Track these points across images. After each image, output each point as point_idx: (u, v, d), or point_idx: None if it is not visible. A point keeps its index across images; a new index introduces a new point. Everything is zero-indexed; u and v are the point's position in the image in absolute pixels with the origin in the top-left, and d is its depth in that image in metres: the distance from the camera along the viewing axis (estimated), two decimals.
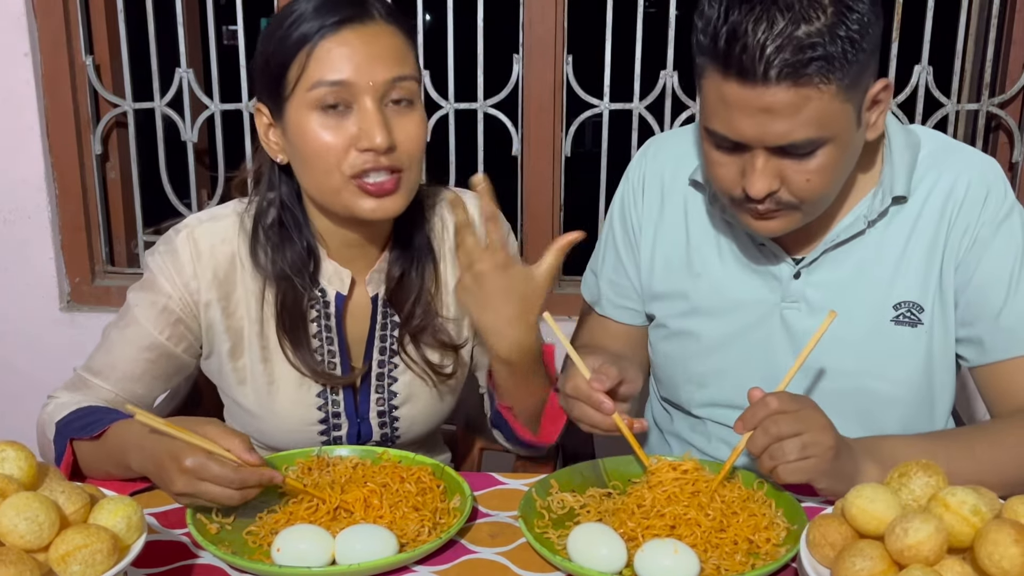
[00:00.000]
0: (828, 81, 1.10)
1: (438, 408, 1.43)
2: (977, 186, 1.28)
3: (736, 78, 1.11)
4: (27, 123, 2.31)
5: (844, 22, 1.09)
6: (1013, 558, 0.83)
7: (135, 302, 1.33)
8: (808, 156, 1.15)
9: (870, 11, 1.11)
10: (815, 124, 1.12)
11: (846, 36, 1.09)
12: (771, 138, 1.13)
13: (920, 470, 0.96)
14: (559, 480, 1.20)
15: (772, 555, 1.05)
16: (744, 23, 1.09)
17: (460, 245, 1.23)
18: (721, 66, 1.12)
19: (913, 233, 1.29)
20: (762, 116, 1.12)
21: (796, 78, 1.09)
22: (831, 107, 1.11)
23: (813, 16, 1.08)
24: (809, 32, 1.08)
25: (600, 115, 2.30)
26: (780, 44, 1.08)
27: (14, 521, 0.86)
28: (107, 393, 1.32)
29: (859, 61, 1.11)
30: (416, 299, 1.36)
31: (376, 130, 1.19)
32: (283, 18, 1.22)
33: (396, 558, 1.03)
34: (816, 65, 1.08)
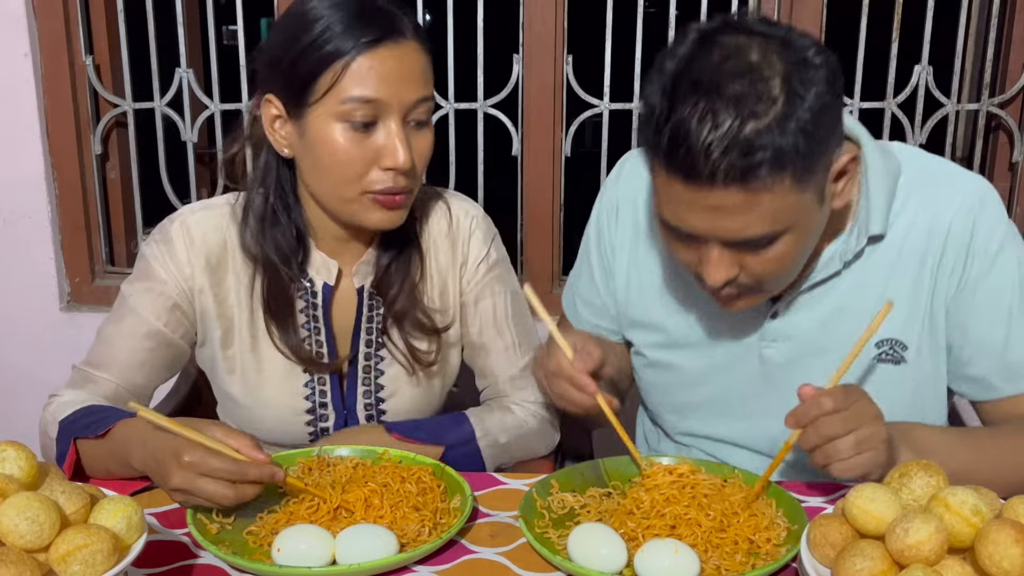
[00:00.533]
0: (780, 179, 1.02)
1: (425, 402, 1.44)
2: (962, 221, 1.21)
3: (681, 179, 1.04)
4: (27, 123, 2.31)
5: (795, 112, 1.00)
6: (1013, 558, 0.83)
7: (130, 293, 1.35)
8: (766, 247, 1.09)
9: (823, 91, 1.03)
10: (770, 219, 1.06)
11: (797, 128, 1.00)
12: (724, 234, 1.08)
13: (920, 470, 0.96)
14: (559, 480, 1.20)
15: (773, 555, 1.05)
16: (688, 122, 1.01)
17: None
18: (665, 164, 1.05)
19: (894, 271, 1.23)
20: (712, 214, 1.06)
21: (745, 181, 1.01)
22: (786, 201, 1.05)
23: (761, 111, 1.00)
24: (757, 130, 1.00)
25: (600, 115, 2.30)
26: (727, 145, 1.00)
27: (15, 521, 0.86)
28: (108, 385, 1.32)
29: (814, 149, 1.03)
30: (401, 286, 1.37)
31: (401, 151, 1.22)
32: (307, 22, 1.21)
33: (396, 558, 1.03)
34: (766, 166, 1.00)
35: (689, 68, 1.03)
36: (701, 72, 1.02)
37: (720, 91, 1.00)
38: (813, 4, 2.17)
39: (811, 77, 1.02)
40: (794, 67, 1.02)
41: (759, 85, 1.00)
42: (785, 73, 1.01)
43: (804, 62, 1.03)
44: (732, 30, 1.05)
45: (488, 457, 1.35)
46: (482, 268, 1.42)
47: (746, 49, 1.03)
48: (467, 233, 1.42)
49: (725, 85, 1.01)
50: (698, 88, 1.01)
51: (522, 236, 2.37)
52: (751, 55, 1.02)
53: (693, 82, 1.02)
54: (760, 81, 1.01)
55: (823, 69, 1.03)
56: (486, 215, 1.46)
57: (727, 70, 1.01)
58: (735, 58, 1.02)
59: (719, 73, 1.01)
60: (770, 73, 1.01)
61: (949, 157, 2.30)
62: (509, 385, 1.42)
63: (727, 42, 1.04)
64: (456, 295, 1.42)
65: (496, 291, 1.43)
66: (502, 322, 1.42)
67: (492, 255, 1.44)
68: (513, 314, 1.44)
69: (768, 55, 1.02)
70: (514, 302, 1.45)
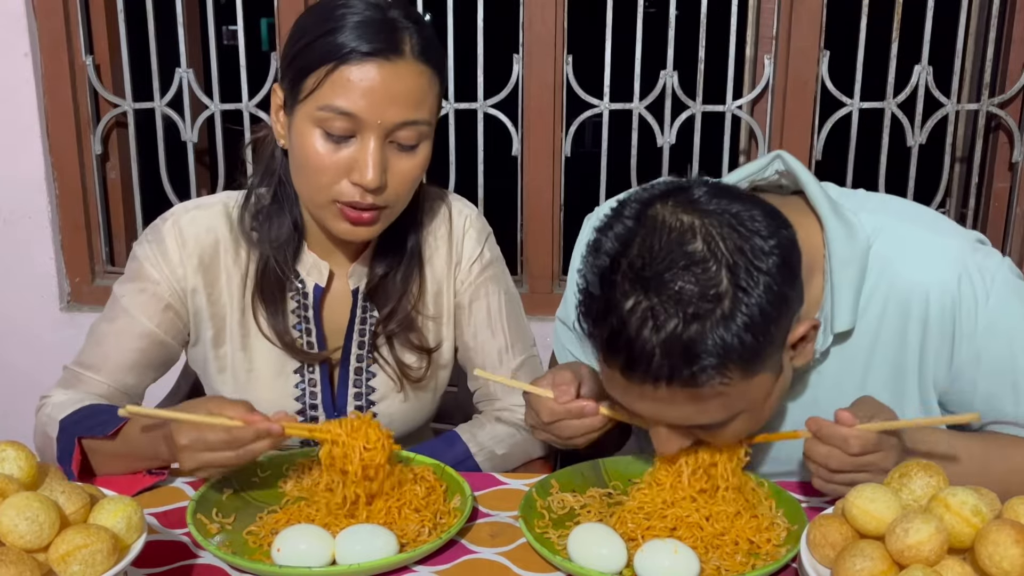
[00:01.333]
0: (727, 378, 0.96)
1: (416, 408, 1.43)
2: (940, 300, 1.13)
3: (621, 373, 0.99)
4: (27, 123, 2.32)
5: (742, 311, 0.93)
6: (1013, 559, 0.83)
7: (122, 293, 1.34)
8: (721, 428, 1.04)
9: (774, 281, 0.95)
10: (720, 410, 1.01)
11: (745, 324, 0.94)
12: (671, 421, 1.04)
13: (920, 470, 0.96)
14: (559, 480, 1.20)
15: (773, 555, 1.05)
16: (627, 321, 0.95)
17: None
18: (604, 357, 1.00)
19: (871, 361, 1.17)
20: (658, 404, 1.00)
21: (690, 384, 0.96)
22: (736, 390, 0.98)
23: (706, 310, 0.93)
24: (701, 332, 0.93)
25: (600, 115, 2.30)
26: (668, 349, 0.94)
27: (14, 521, 0.86)
28: (99, 386, 1.32)
29: (763, 342, 0.96)
30: (397, 303, 1.36)
31: (371, 170, 1.19)
32: (319, 18, 1.20)
33: (396, 558, 1.03)
34: (712, 370, 0.94)
35: (627, 252, 0.97)
36: (641, 261, 0.95)
37: (661, 288, 0.94)
38: (813, 4, 2.17)
39: (759, 267, 0.95)
40: (742, 256, 0.95)
41: (703, 281, 0.93)
42: (731, 263, 0.94)
43: (752, 250, 0.95)
44: (676, 205, 0.98)
45: (488, 470, 1.34)
46: (476, 268, 1.41)
47: (689, 235, 0.95)
48: (461, 233, 1.41)
49: (666, 281, 0.94)
50: (637, 281, 0.95)
51: (522, 236, 2.37)
52: (695, 242, 0.95)
53: (633, 274, 0.95)
54: (704, 276, 0.94)
55: (774, 255, 0.96)
56: (480, 214, 1.45)
57: (669, 262, 0.94)
58: (678, 247, 0.95)
59: (660, 264, 0.94)
60: (715, 266, 0.94)
61: (949, 157, 2.30)
62: (500, 388, 1.42)
63: (669, 223, 0.97)
64: (450, 297, 1.41)
65: (490, 291, 1.42)
66: (496, 322, 1.42)
67: (486, 255, 1.42)
68: (507, 315, 1.43)
69: (714, 243, 0.95)
70: (508, 302, 1.44)
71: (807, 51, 2.20)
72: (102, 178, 2.44)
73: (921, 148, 2.28)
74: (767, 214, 0.99)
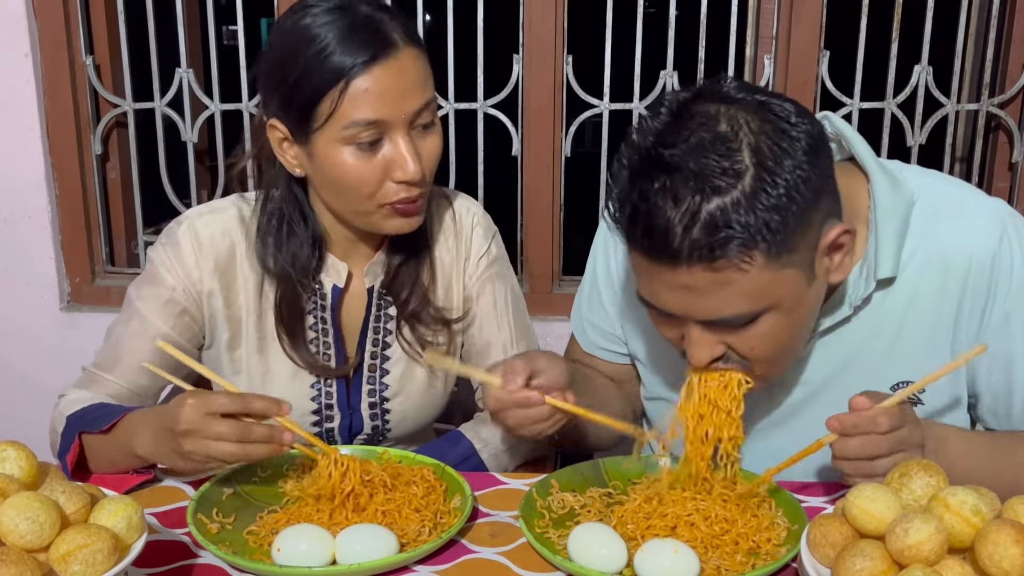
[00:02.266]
0: (750, 258, 0.96)
1: (429, 402, 1.44)
2: (981, 261, 1.14)
3: (645, 257, 1.00)
4: (27, 123, 2.32)
5: (765, 189, 0.94)
6: (1013, 558, 0.83)
7: (138, 296, 1.35)
8: (749, 325, 1.03)
9: (800, 163, 0.96)
10: (746, 299, 1.00)
11: (769, 204, 0.94)
12: (698, 314, 1.03)
13: (921, 470, 0.96)
14: (559, 480, 1.20)
15: (772, 555, 1.05)
16: (647, 199, 0.96)
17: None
18: (629, 241, 1.02)
19: (908, 315, 1.17)
20: (683, 292, 1.00)
21: (710, 260, 0.96)
22: (761, 279, 0.98)
23: (725, 185, 0.94)
24: (721, 206, 0.94)
25: (600, 115, 2.30)
26: (687, 223, 0.94)
27: (15, 521, 0.86)
28: (114, 387, 1.33)
29: (790, 225, 0.96)
30: (412, 288, 1.38)
31: (410, 163, 1.22)
32: (304, 41, 1.20)
33: (396, 558, 1.03)
34: (734, 244, 0.95)
35: (655, 142, 0.98)
36: (665, 146, 0.97)
37: (682, 166, 0.95)
38: (813, 4, 2.17)
39: (786, 148, 0.95)
40: (767, 137, 0.96)
41: (724, 158, 0.94)
42: (755, 144, 0.95)
43: (779, 132, 0.96)
44: (706, 98, 1.00)
45: (493, 467, 1.35)
46: (483, 263, 1.43)
47: (715, 119, 0.97)
48: (469, 229, 1.43)
49: (688, 159, 0.95)
50: (660, 164, 0.96)
51: (522, 236, 2.37)
52: (720, 125, 0.96)
53: (656, 157, 0.97)
54: (726, 154, 0.95)
55: (801, 140, 0.97)
56: (486, 213, 1.47)
57: (692, 143, 0.96)
58: (701, 130, 0.96)
59: (683, 146, 0.96)
60: (738, 145, 0.95)
61: (949, 157, 2.30)
62: None
63: (697, 112, 0.99)
64: (460, 291, 1.43)
65: (496, 286, 1.44)
66: (502, 316, 1.43)
67: (492, 251, 1.45)
68: (513, 310, 1.45)
69: (737, 124, 0.96)
70: (513, 299, 1.46)
71: (807, 51, 2.20)
72: (102, 178, 2.44)
73: (921, 148, 2.27)
74: (798, 107, 1.01)
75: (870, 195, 1.16)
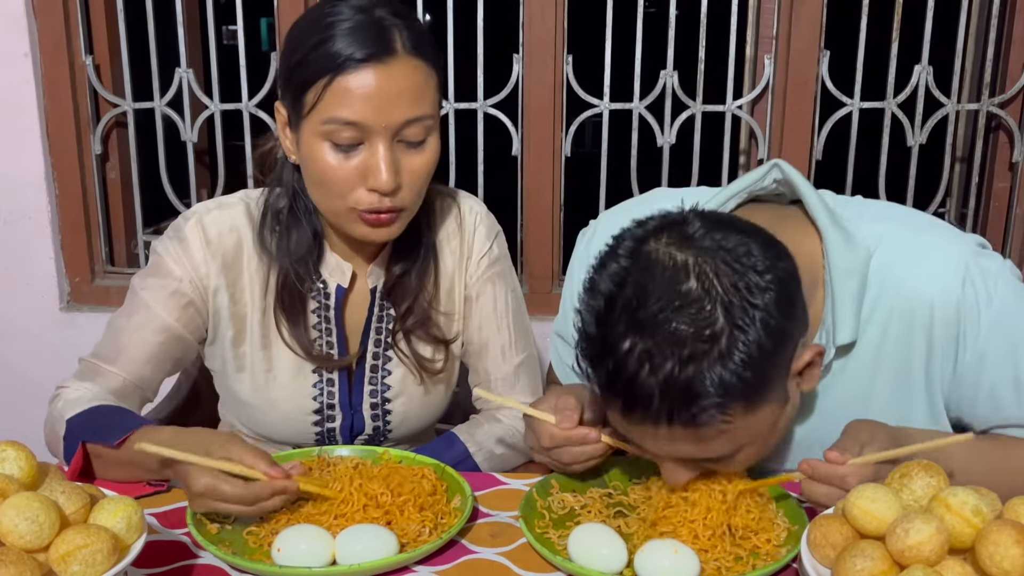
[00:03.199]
0: (731, 417, 0.96)
1: (430, 404, 1.44)
2: (945, 306, 1.12)
3: (621, 414, 1.00)
4: (27, 123, 2.31)
5: (738, 348, 0.93)
6: (1014, 559, 0.82)
7: (143, 287, 1.34)
8: (729, 459, 1.04)
9: (772, 315, 0.95)
10: (726, 444, 1.00)
11: (743, 361, 0.93)
12: (677, 456, 1.04)
13: (921, 470, 0.96)
14: (560, 480, 1.20)
15: (773, 555, 1.05)
16: (625, 364, 0.95)
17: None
18: (604, 396, 1.01)
19: (876, 373, 1.16)
20: (661, 441, 1.00)
21: (691, 425, 0.96)
22: (739, 426, 0.98)
23: (702, 350, 0.93)
24: (699, 372, 0.93)
25: (600, 115, 2.30)
26: (666, 391, 0.94)
27: (14, 521, 0.86)
28: (116, 379, 1.32)
29: (764, 375, 0.96)
30: (414, 299, 1.38)
31: (384, 173, 1.20)
32: (315, 27, 1.20)
33: (396, 558, 1.03)
34: (713, 409, 0.95)
35: (622, 292, 0.97)
36: (635, 302, 0.95)
37: (656, 330, 0.94)
38: (813, 4, 2.17)
39: (756, 304, 0.94)
40: (736, 294, 0.94)
41: (699, 321, 0.93)
42: (726, 303, 0.94)
43: (747, 287, 0.95)
44: (671, 239, 0.98)
45: (487, 469, 1.35)
46: (484, 262, 1.43)
47: (683, 274, 0.95)
48: (472, 228, 1.43)
49: (661, 323, 0.94)
50: (632, 324, 0.95)
51: (522, 236, 2.37)
52: (689, 281, 0.95)
53: (628, 315, 0.95)
54: (699, 316, 0.93)
55: (770, 290, 0.95)
56: (489, 212, 1.47)
57: (664, 303, 0.94)
58: (672, 287, 0.95)
59: (655, 306, 0.94)
60: (710, 305, 0.94)
61: (949, 157, 2.30)
62: (501, 384, 1.42)
63: (662, 261, 0.97)
64: (460, 291, 1.43)
65: (497, 286, 1.43)
66: (501, 318, 1.43)
67: (495, 250, 1.45)
68: (512, 312, 1.45)
69: (708, 282, 0.95)
70: (513, 300, 1.45)
71: (807, 51, 2.20)
72: (102, 178, 2.44)
73: (921, 148, 2.27)
74: (764, 245, 0.99)
75: (824, 254, 1.13)
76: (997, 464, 1.15)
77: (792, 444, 1.23)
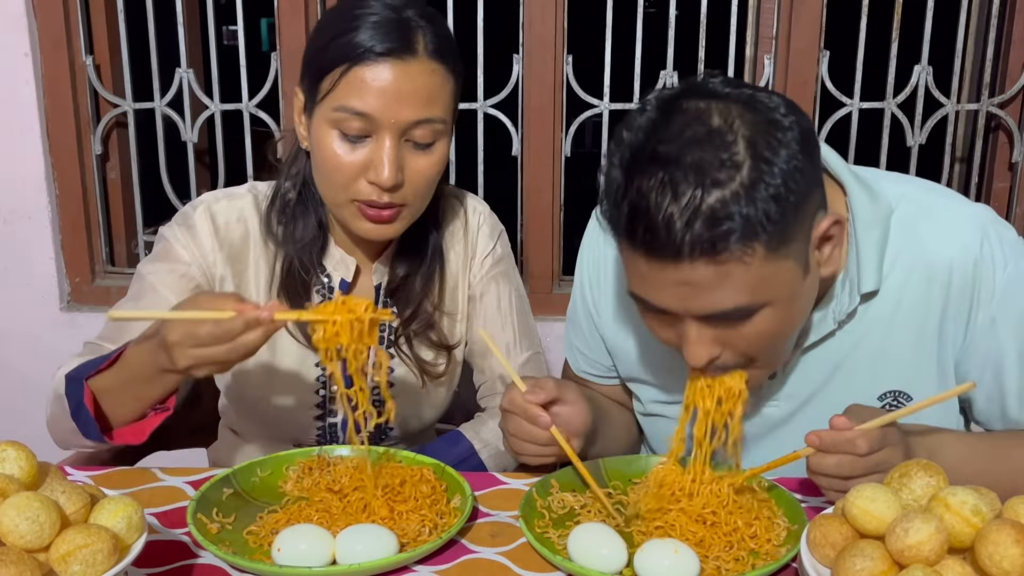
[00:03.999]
0: (751, 250, 0.96)
1: (432, 403, 1.44)
2: (962, 267, 1.14)
3: (645, 255, 0.98)
4: (27, 123, 2.31)
5: (763, 179, 0.94)
6: (1014, 559, 0.83)
7: (150, 272, 1.33)
8: (745, 320, 1.02)
9: (794, 153, 0.96)
10: (745, 292, 0.99)
11: (768, 195, 0.94)
12: (697, 310, 1.01)
13: (921, 470, 0.96)
14: (560, 480, 1.20)
15: (772, 555, 1.05)
16: (647, 194, 0.95)
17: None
18: (627, 240, 1.00)
19: (893, 325, 1.17)
20: (682, 288, 0.99)
21: (713, 253, 0.95)
22: (761, 271, 0.98)
23: (724, 178, 0.93)
24: (722, 199, 0.93)
25: (600, 115, 2.30)
26: (689, 217, 0.93)
27: (15, 521, 0.86)
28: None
29: (787, 216, 0.96)
30: (418, 304, 1.38)
31: (387, 168, 1.20)
32: (342, 16, 1.21)
33: (396, 558, 1.03)
34: (735, 236, 0.94)
35: (648, 138, 0.98)
36: (659, 141, 0.97)
37: (679, 160, 0.94)
38: (813, 4, 2.17)
39: (780, 139, 0.96)
40: (760, 129, 0.96)
41: (721, 151, 0.94)
42: (750, 137, 0.95)
43: (771, 123, 0.96)
44: (694, 95, 1.00)
45: (492, 467, 1.35)
46: (488, 262, 1.44)
47: (707, 114, 0.97)
48: (475, 228, 1.44)
49: (685, 153, 0.95)
50: (656, 159, 0.96)
51: (522, 236, 2.38)
52: (712, 119, 0.96)
53: (651, 153, 0.96)
54: (722, 147, 0.94)
55: (793, 130, 0.97)
56: (493, 213, 1.48)
57: (687, 138, 0.95)
58: (695, 124, 0.96)
59: (678, 141, 0.95)
60: (733, 137, 0.95)
61: (949, 157, 2.30)
62: (503, 383, 1.42)
63: (688, 108, 0.98)
64: (464, 291, 1.43)
65: (501, 285, 1.44)
66: (506, 316, 1.43)
67: (498, 250, 1.45)
68: (517, 310, 1.45)
69: (731, 118, 0.96)
70: (517, 299, 1.46)
71: (807, 51, 2.20)
72: (102, 178, 2.44)
73: (921, 148, 2.28)
74: (786, 101, 1.01)
75: (848, 208, 1.15)
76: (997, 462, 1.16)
77: (812, 402, 1.22)
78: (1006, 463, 1.16)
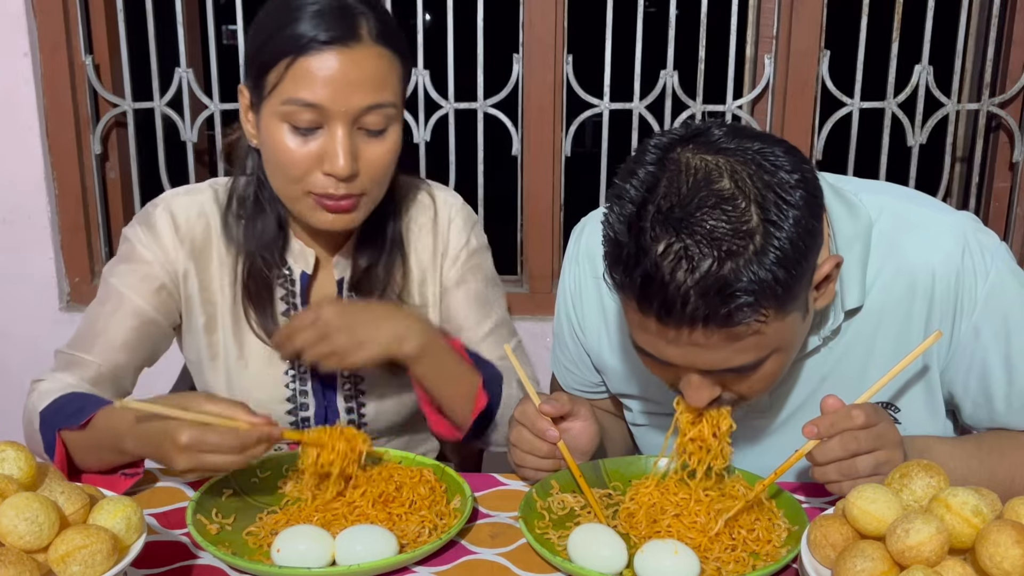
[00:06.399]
0: (764, 316, 0.96)
1: (406, 400, 1.43)
2: (945, 275, 1.13)
3: (656, 319, 0.97)
4: (27, 123, 2.31)
5: (773, 245, 0.93)
6: (1014, 559, 0.82)
7: (113, 274, 1.35)
8: (751, 371, 1.03)
9: (802, 215, 0.95)
10: (755, 350, 1.00)
11: (777, 259, 0.93)
12: (704, 367, 1.02)
13: (921, 471, 0.96)
14: (560, 481, 1.20)
15: (773, 556, 1.04)
16: (661, 265, 0.93)
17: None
18: (638, 305, 0.98)
19: (877, 337, 1.17)
20: (691, 349, 0.99)
21: (726, 324, 0.95)
22: (770, 330, 0.98)
23: (739, 247, 0.92)
24: (735, 269, 0.92)
25: (600, 115, 2.30)
26: (704, 289, 0.92)
27: (14, 521, 0.86)
28: (91, 366, 1.32)
29: (795, 276, 0.96)
30: (382, 292, 1.37)
31: (341, 158, 1.19)
32: (282, 8, 1.21)
33: (396, 559, 1.03)
34: (749, 308, 0.94)
35: (653, 197, 0.95)
36: (669, 203, 0.94)
37: (692, 228, 0.92)
38: (813, 4, 2.17)
39: (788, 200, 0.94)
40: (769, 191, 0.94)
41: (734, 218, 0.92)
42: (760, 200, 0.94)
43: (780, 185, 0.95)
44: (697, 147, 0.97)
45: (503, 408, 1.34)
46: (463, 255, 1.42)
47: (715, 174, 0.95)
48: (446, 222, 1.42)
49: (697, 220, 0.93)
50: (668, 224, 0.93)
51: (522, 236, 2.37)
52: (722, 181, 0.94)
53: (662, 216, 0.94)
54: (734, 213, 0.93)
55: (799, 188, 0.96)
56: (466, 204, 1.46)
57: (697, 202, 0.93)
58: (705, 186, 0.94)
59: (689, 206, 0.93)
60: (745, 203, 0.93)
61: (949, 157, 2.30)
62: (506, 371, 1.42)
63: (693, 164, 0.96)
64: (435, 286, 1.42)
65: (476, 276, 1.43)
66: (479, 308, 1.42)
67: (472, 242, 1.44)
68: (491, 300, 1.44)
69: (740, 179, 0.94)
70: (490, 289, 1.45)
71: (807, 51, 2.20)
72: (102, 178, 2.44)
73: (921, 148, 2.27)
74: (788, 151, 0.99)
75: (828, 224, 1.13)
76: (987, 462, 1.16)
77: (799, 414, 1.22)
78: (999, 463, 1.16)
